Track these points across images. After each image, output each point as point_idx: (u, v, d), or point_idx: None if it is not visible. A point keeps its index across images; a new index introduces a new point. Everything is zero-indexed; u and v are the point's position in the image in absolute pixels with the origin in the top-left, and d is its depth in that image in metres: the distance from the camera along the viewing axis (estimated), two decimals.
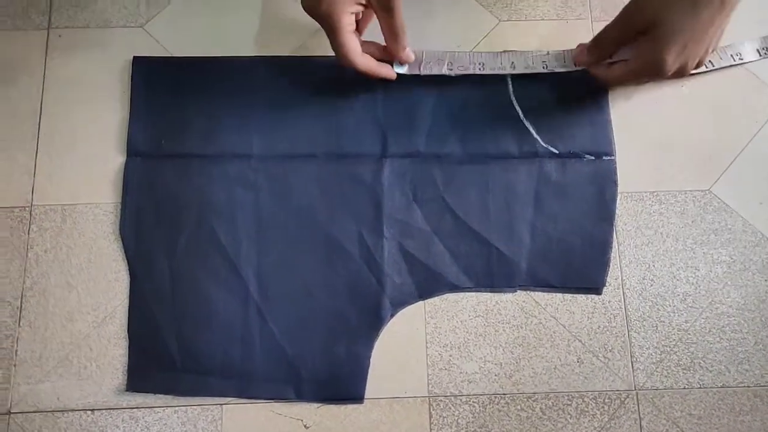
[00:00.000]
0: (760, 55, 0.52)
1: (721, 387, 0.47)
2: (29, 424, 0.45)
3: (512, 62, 0.51)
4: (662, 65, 0.46)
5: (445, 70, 0.50)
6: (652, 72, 0.47)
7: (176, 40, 0.53)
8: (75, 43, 0.52)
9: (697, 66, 0.49)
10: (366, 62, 0.47)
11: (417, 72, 0.50)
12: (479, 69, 0.50)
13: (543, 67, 0.50)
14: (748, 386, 0.47)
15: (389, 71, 0.49)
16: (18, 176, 0.49)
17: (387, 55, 0.49)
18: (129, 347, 0.46)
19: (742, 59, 0.52)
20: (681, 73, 0.48)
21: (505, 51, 0.51)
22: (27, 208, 0.49)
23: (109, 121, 0.51)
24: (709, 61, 0.51)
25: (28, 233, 0.48)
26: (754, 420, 0.46)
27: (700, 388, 0.47)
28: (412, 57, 0.49)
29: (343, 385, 0.46)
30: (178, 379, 0.46)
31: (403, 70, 0.50)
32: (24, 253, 0.48)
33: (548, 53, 0.51)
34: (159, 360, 0.46)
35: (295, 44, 0.53)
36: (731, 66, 0.52)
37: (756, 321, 0.48)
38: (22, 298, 0.47)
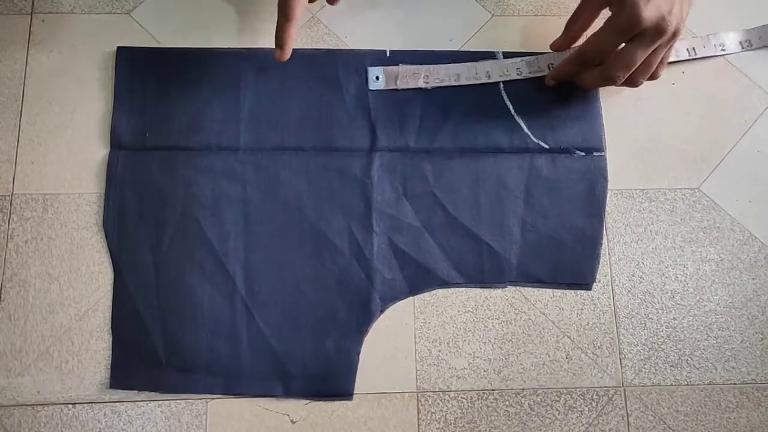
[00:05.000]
0: (743, 48, 0.53)
1: (708, 384, 0.47)
2: (8, 417, 0.44)
3: (487, 71, 0.51)
4: (636, 10, 0.41)
5: (421, 83, 0.50)
6: (628, 25, 0.42)
7: (164, 27, 0.51)
8: (59, 29, 0.51)
9: (675, 35, 0.43)
10: (293, 21, 0.45)
11: (394, 87, 0.50)
12: (455, 80, 0.50)
13: (517, 74, 0.50)
14: (735, 384, 0.47)
15: (286, 53, 0.47)
16: None
17: None
18: (112, 343, 0.45)
19: (724, 50, 0.52)
20: (661, 30, 0.42)
21: (480, 60, 0.51)
22: (7, 197, 0.48)
23: (93, 109, 0.50)
24: (693, 48, 0.52)
25: (8, 223, 0.47)
26: (739, 417, 0.46)
27: (687, 385, 0.47)
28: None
29: (331, 381, 0.45)
30: (162, 375, 0.45)
31: (380, 85, 0.50)
32: (4, 244, 0.47)
33: (522, 60, 0.51)
34: (143, 357, 0.45)
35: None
36: (714, 56, 0.52)
37: (743, 319, 0.48)
38: (1, 289, 0.46)
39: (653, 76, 0.47)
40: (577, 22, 0.49)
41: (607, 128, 0.51)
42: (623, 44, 0.44)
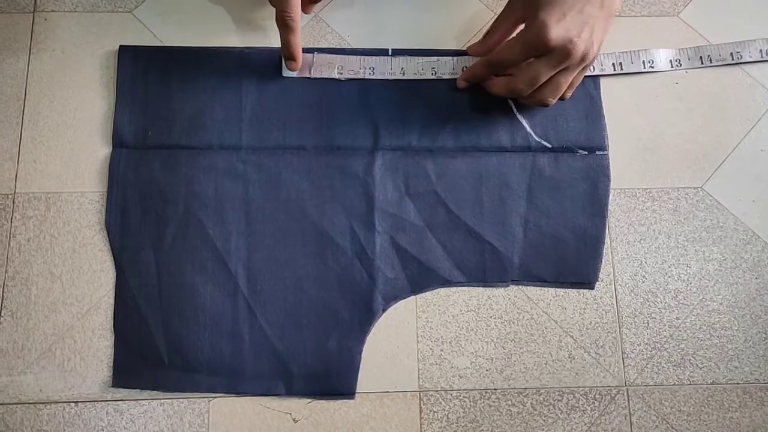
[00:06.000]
0: (672, 66, 0.52)
1: (711, 384, 0.47)
2: (10, 416, 0.44)
3: (402, 68, 0.50)
4: (544, 30, 0.42)
5: (335, 74, 0.50)
6: (535, 42, 0.42)
7: (166, 26, 0.51)
8: (61, 28, 0.51)
9: (583, 59, 0.44)
10: (298, 32, 0.47)
11: (307, 75, 0.50)
12: (369, 74, 0.50)
13: (432, 74, 0.50)
14: (738, 383, 0.47)
15: (299, 63, 0.49)
16: (1, 162, 0.48)
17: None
18: (115, 342, 0.45)
19: (653, 67, 0.52)
20: (567, 52, 0.42)
21: (396, 56, 0.51)
22: (10, 196, 0.48)
23: (96, 107, 0.50)
24: (620, 63, 0.52)
25: (11, 221, 0.47)
26: (742, 417, 0.46)
27: (690, 384, 0.47)
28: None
29: (334, 380, 0.45)
30: (165, 375, 0.45)
31: (293, 73, 0.50)
32: (6, 242, 0.47)
33: (438, 60, 0.51)
34: (146, 356, 0.45)
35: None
36: (641, 73, 0.52)
37: (746, 318, 0.48)
38: (3, 287, 0.46)
39: (562, 97, 0.47)
40: (495, 34, 0.49)
41: (610, 127, 0.51)
42: (532, 59, 0.44)
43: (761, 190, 0.50)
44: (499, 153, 0.50)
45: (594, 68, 0.51)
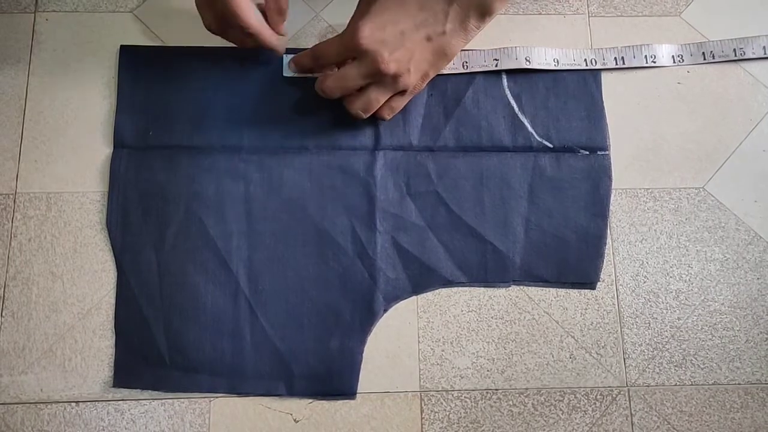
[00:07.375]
0: (674, 62, 0.52)
1: (713, 384, 0.47)
2: (11, 415, 0.44)
3: None
4: (357, 32, 0.42)
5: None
6: (349, 42, 0.43)
7: (167, 26, 0.51)
8: (62, 28, 0.51)
9: (395, 80, 0.44)
10: (260, 25, 0.45)
11: (308, 74, 0.50)
12: None
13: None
14: (739, 384, 0.47)
15: (279, 42, 0.47)
16: (2, 162, 0.48)
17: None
18: (116, 343, 0.45)
19: (655, 62, 0.52)
20: (374, 63, 0.43)
21: None
22: (11, 196, 0.48)
23: (97, 107, 0.50)
24: (621, 57, 0.52)
25: (12, 221, 0.47)
26: (744, 417, 0.46)
27: (691, 385, 0.47)
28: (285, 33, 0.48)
29: (335, 380, 0.45)
30: (166, 375, 0.45)
31: (294, 73, 0.50)
32: (7, 242, 0.47)
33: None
34: (147, 356, 0.45)
35: (288, 36, 0.52)
36: (643, 68, 0.52)
37: (748, 319, 0.48)
38: (4, 287, 0.46)
39: (381, 117, 0.47)
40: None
41: (612, 127, 0.51)
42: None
43: (763, 191, 0.50)
44: (501, 153, 0.50)
45: (596, 62, 0.51)
